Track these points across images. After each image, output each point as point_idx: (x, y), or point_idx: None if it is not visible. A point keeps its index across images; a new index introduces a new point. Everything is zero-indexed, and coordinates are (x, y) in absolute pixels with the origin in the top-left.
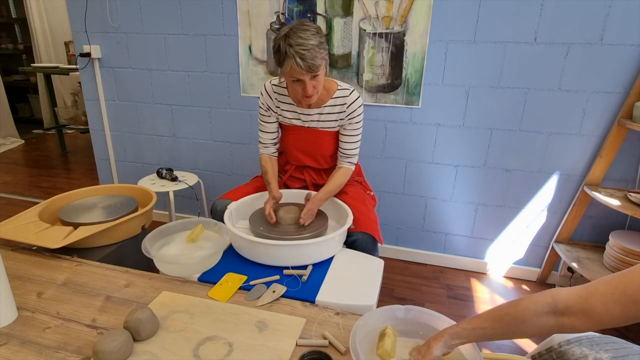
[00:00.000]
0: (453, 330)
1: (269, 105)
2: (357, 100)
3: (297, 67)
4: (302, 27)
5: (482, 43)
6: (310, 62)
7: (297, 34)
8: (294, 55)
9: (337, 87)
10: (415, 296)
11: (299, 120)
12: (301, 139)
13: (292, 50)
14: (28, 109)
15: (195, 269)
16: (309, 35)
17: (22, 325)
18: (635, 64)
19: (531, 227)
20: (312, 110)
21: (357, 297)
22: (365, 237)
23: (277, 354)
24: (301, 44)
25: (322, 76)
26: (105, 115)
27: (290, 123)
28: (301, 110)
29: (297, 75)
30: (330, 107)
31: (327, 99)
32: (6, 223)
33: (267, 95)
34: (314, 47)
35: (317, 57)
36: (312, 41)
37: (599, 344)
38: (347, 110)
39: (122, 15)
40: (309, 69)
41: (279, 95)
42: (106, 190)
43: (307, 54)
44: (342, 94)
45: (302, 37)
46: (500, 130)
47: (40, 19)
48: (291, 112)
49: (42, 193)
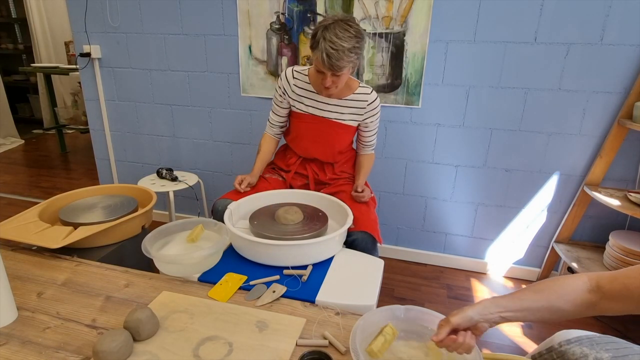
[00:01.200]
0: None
1: (285, 91)
2: (376, 101)
3: (321, 62)
4: (344, 25)
5: (482, 43)
6: (335, 62)
7: (335, 30)
8: (323, 50)
9: (359, 85)
10: (415, 296)
11: (316, 109)
12: (314, 128)
13: (324, 44)
14: (28, 109)
15: (195, 269)
16: (345, 37)
17: (22, 325)
18: (635, 64)
19: (531, 227)
20: (332, 101)
21: (357, 297)
22: (364, 236)
23: (277, 354)
24: (334, 42)
25: (345, 76)
26: (105, 115)
27: (306, 111)
28: (320, 99)
29: (320, 68)
30: (351, 101)
31: (348, 93)
32: (6, 223)
33: (286, 81)
34: (344, 50)
35: (343, 59)
36: (345, 43)
37: (600, 343)
38: (368, 108)
39: (122, 15)
40: (332, 67)
41: (299, 81)
42: (106, 190)
43: (334, 54)
44: (364, 91)
45: (338, 36)
46: (500, 130)
47: (40, 19)
48: (309, 99)
49: (42, 193)
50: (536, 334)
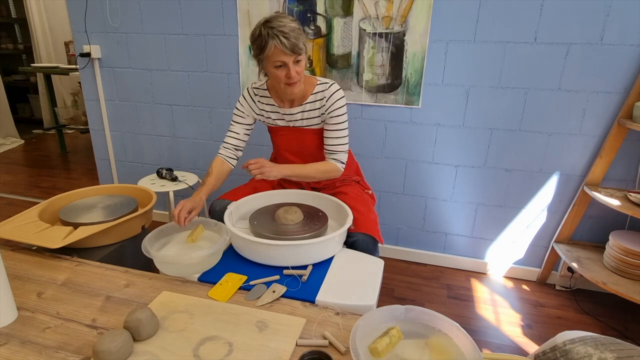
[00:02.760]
0: None
1: (251, 109)
2: (336, 93)
3: (281, 46)
4: (280, 15)
5: (482, 43)
6: (294, 41)
7: (277, 19)
8: (277, 35)
9: (317, 82)
10: (415, 296)
11: (283, 120)
12: (288, 139)
13: (275, 31)
14: (28, 109)
15: (195, 269)
16: (288, 20)
17: (22, 325)
18: (635, 64)
19: (531, 227)
20: (295, 109)
21: (357, 297)
22: (365, 237)
23: (277, 354)
24: (283, 25)
25: (303, 63)
26: (105, 115)
27: (275, 124)
28: (284, 110)
29: (281, 57)
30: (312, 103)
31: (308, 95)
32: (6, 223)
33: (251, 100)
34: (295, 29)
35: (300, 39)
36: (293, 24)
37: (604, 344)
38: (327, 104)
39: (122, 15)
40: (293, 48)
41: (261, 97)
42: (106, 190)
43: (290, 34)
44: (322, 89)
45: (282, 21)
46: (500, 130)
47: (40, 19)
48: (275, 112)
49: (42, 193)
50: (536, 334)
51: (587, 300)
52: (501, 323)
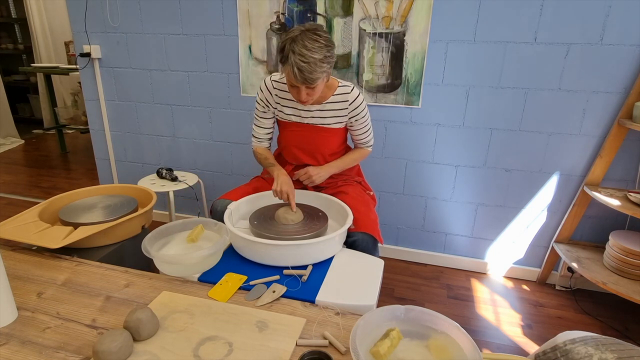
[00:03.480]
0: None
1: (268, 101)
2: (358, 97)
3: (293, 77)
4: (313, 35)
5: (482, 43)
6: (308, 75)
7: (304, 42)
8: (293, 64)
9: (339, 84)
10: (415, 296)
11: (299, 117)
12: (300, 136)
13: (294, 58)
14: (28, 109)
15: (195, 269)
16: (315, 47)
17: (22, 325)
18: (635, 64)
19: (531, 227)
20: (313, 107)
21: (357, 297)
22: (365, 237)
23: (277, 354)
24: (304, 54)
25: (320, 87)
26: (105, 115)
27: (289, 120)
28: (301, 106)
29: (293, 82)
30: (332, 103)
31: (328, 96)
32: (6, 223)
33: (268, 92)
34: (315, 61)
35: (316, 71)
36: (316, 54)
37: (605, 344)
38: (350, 107)
39: (122, 15)
40: (305, 81)
41: (279, 91)
42: (106, 190)
43: (306, 67)
44: (344, 91)
45: (307, 48)
46: (500, 130)
47: (40, 19)
48: (291, 108)
49: (42, 193)
50: (536, 334)
51: (587, 300)
52: (501, 323)
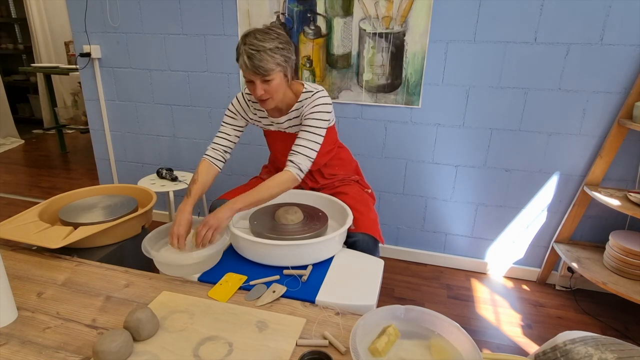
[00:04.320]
0: None
1: (245, 113)
2: (317, 99)
3: (244, 66)
4: (265, 30)
5: (482, 43)
6: (257, 63)
7: (255, 35)
8: (243, 53)
9: (303, 90)
10: (415, 296)
11: (273, 126)
12: (283, 143)
13: (244, 48)
14: (28, 109)
15: (195, 269)
16: (265, 38)
17: (22, 325)
18: (635, 64)
19: (531, 227)
20: (282, 118)
21: (357, 297)
22: (366, 237)
23: (277, 354)
24: (253, 43)
25: (276, 82)
26: (105, 115)
27: (268, 129)
28: (272, 118)
29: (247, 75)
30: (296, 111)
31: (293, 103)
32: (6, 223)
33: (245, 105)
34: (265, 50)
35: (267, 59)
36: (265, 43)
37: (605, 344)
38: (304, 110)
39: (122, 15)
40: (255, 69)
41: (254, 102)
42: (106, 190)
43: (255, 55)
44: (306, 96)
45: (257, 38)
46: (500, 130)
47: (40, 19)
48: (265, 118)
49: (42, 193)
50: (536, 334)
51: (587, 300)
52: (501, 323)
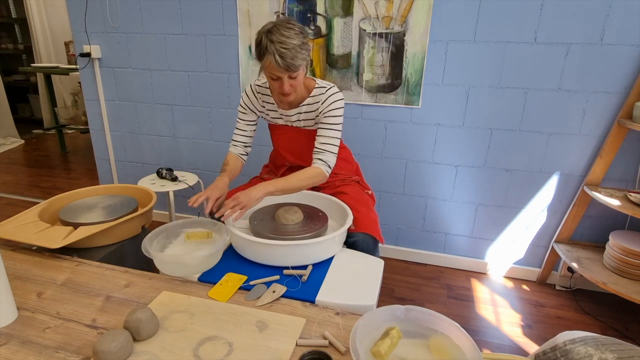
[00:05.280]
0: None
1: (254, 106)
2: (333, 95)
3: (276, 65)
4: (287, 25)
5: (482, 43)
6: (290, 61)
7: (280, 31)
8: (274, 52)
9: (315, 85)
10: (415, 296)
11: (282, 119)
12: (287, 138)
13: (273, 47)
14: (28, 109)
15: (195, 269)
16: (291, 34)
17: (22, 325)
18: (635, 64)
19: (531, 227)
20: (292, 111)
21: (357, 297)
22: (365, 237)
23: (277, 354)
24: (283, 41)
25: (301, 76)
26: (105, 115)
27: (275, 122)
28: (282, 110)
29: (275, 72)
30: (308, 105)
31: (305, 98)
32: (6, 223)
33: (253, 97)
34: (295, 47)
35: (297, 57)
36: (294, 40)
37: (605, 344)
38: (322, 106)
39: (122, 15)
40: (288, 67)
41: (263, 95)
42: (106, 190)
43: (287, 53)
44: (319, 92)
45: (285, 35)
46: (500, 130)
47: (40, 19)
48: (274, 111)
49: (42, 193)
50: (536, 334)
51: (587, 300)
52: (501, 323)
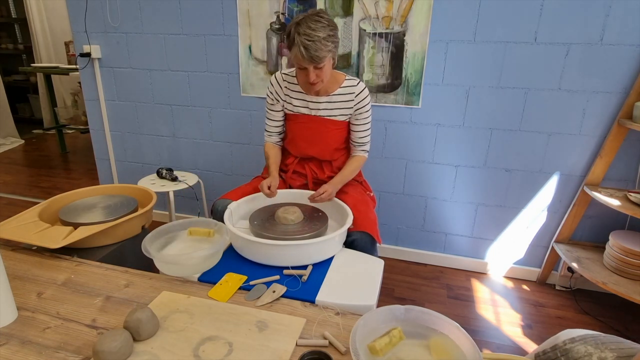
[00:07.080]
0: None
1: (278, 94)
2: (364, 91)
3: (300, 56)
4: (315, 17)
5: (482, 43)
6: (314, 53)
7: (307, 24)
8: (299, 44)
9: (345, 78)
10: (415, 296)
11: (307, 108)
12: (307, 127)
13: (299, 38)
14: (28, 109)
15: (196, 269)
16: (318, 27)
17: (22, 325)
18: (635, 64)
19: (531, 227)
20: (322, 98)
21: (357, 297)
22: (364, 236)
23: (277, 354)
24: (308, 34)
25: (327, 67)
26: (105, 115)
27: (298, 112)
28: (310, 98)
29: (301, 63)
30: (339, 95)
31: (335, 88)
32: (6, 223)
33: (277, 84)
34: (320, 39)
35: (321, 49)
36: (319, 33)
37: (604, 342)
38: (356, 99)
39: (122, 15)
40: (311, 59)
41: (289, 83)
42: (106, 190)
43: (311, 45)
44: (351, 84)
45: (311, 28)
46: (500, 130)
47: (40, 19)
48: (300, 99)
49: (42, 193)
50: (536, 334)
51: (587, 300)
52: (501, 323)
